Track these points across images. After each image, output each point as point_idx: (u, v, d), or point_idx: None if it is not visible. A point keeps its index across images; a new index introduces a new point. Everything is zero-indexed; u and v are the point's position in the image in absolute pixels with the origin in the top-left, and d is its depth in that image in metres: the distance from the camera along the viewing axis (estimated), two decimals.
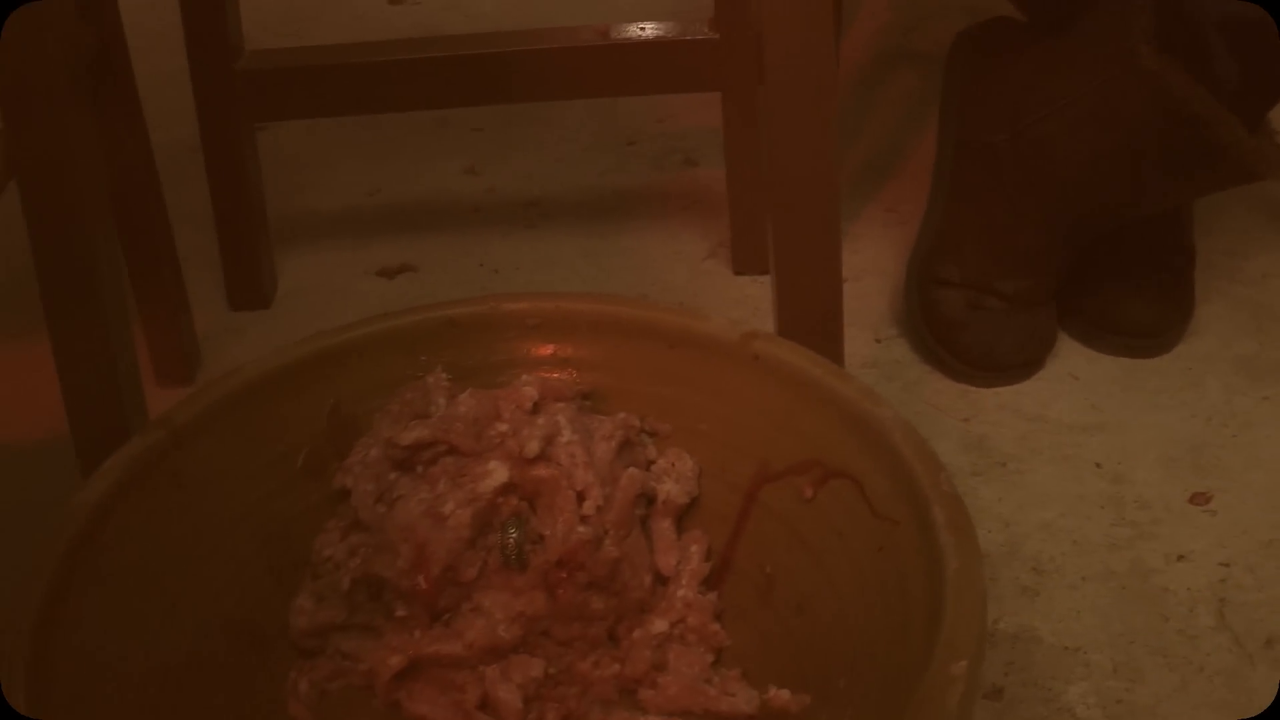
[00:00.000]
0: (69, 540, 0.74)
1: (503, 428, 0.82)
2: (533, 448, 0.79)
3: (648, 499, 0.84)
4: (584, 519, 0.80)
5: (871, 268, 1.22)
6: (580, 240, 1.27)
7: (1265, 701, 0.86)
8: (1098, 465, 1.03)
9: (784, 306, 0.93)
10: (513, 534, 0.79)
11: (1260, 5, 0.96)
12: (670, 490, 0.84)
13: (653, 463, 0.85)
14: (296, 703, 0.81)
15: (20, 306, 1.22)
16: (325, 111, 1.22)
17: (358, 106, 1.20)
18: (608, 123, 1.44)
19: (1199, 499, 1.00)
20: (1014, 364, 1.10)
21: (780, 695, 0.77)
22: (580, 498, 0.80)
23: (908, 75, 1.50)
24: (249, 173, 1.18)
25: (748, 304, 1.19)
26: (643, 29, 1.15)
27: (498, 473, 0.80)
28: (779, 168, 0.90)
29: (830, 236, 0.91)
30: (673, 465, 0.85)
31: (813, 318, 0.92)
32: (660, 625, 0.82)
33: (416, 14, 1.63)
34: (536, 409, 0.83)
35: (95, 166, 0.84)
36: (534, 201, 1.33)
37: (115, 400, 0.86)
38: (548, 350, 0.88)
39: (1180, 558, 0.96)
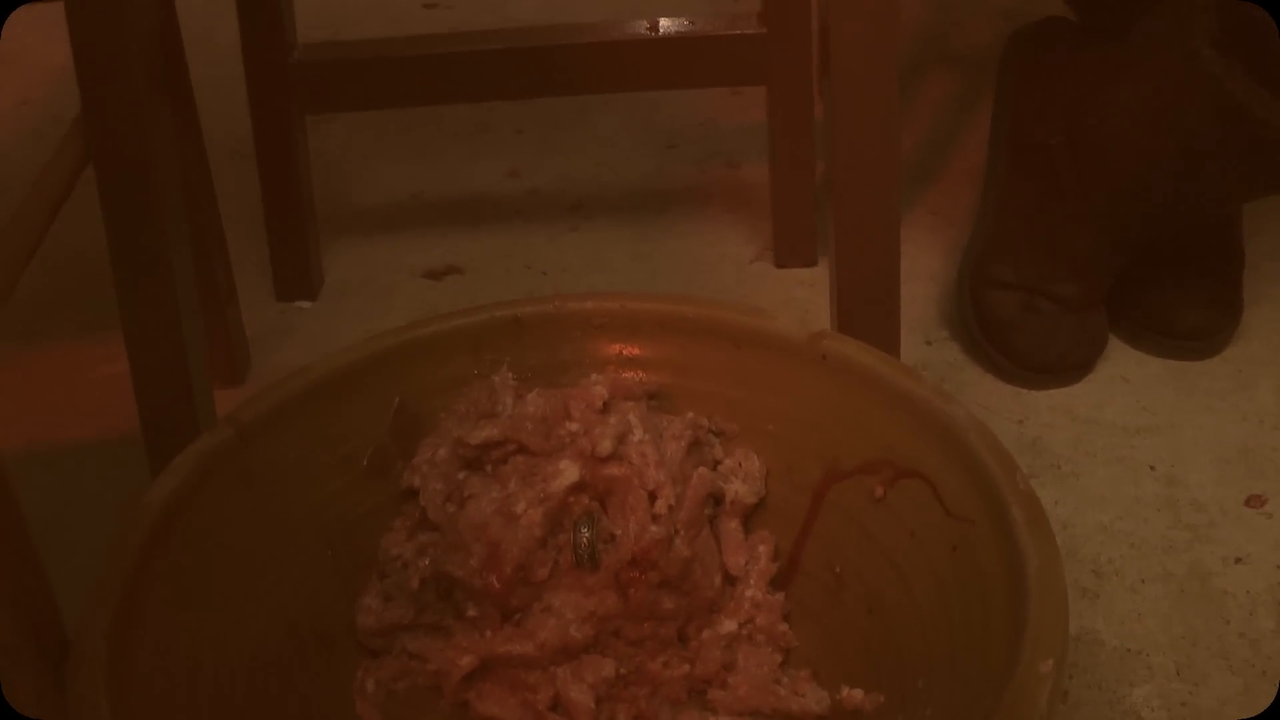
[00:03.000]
0: (142, 537, 0.74)
1: (573, 427, 0.81)
2: (606, 446, 0.79)
3: (715, 499, 0.84)
4: (656, 518, 0.79)
5: (919, 271, 1.22)
6: (627, 244, 1.27)
7: None
8: (1152, 468, 1.03)
9: (844, 298, 0.93)
10: (585, 533, 0.79)
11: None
12: (738, 490, 0.84)
13: (720, 463, 0.85)
14: (364, 702, 0.81)
15: (63, 311, 1.22)
16: (376, 104, 1.23)
17: (408, 99, 1.22)
18: (647, 126, 1.44)
19: (1255, 501, 1.00)
20: (1066, 366, 1.10)
21: (853, 695, 0.77)
22: (652, 497, 0.80)
23: (945, 78, 1.49)
24: (299, 162, 1.19)
25: (794, 306, 1.19)
26: (691, 23, 1.16)
27: (569, 472, 0.80)
28: (842, 156, 0.91)
29: (890, 226, 0.92)
30: (740, 465, 0.85)
31: (871, 308, 0.92)
32: (729, 625, 0.82)
33: (452, 18, 1.63)
34: (606, 408, 0.83)
35: (171, 157, 0.84)
36: (577, 205, 1.33)
37: (186, 392, 0.86)
38: (613, 350, 0.87)
39: (1238, 560, 0.96)
